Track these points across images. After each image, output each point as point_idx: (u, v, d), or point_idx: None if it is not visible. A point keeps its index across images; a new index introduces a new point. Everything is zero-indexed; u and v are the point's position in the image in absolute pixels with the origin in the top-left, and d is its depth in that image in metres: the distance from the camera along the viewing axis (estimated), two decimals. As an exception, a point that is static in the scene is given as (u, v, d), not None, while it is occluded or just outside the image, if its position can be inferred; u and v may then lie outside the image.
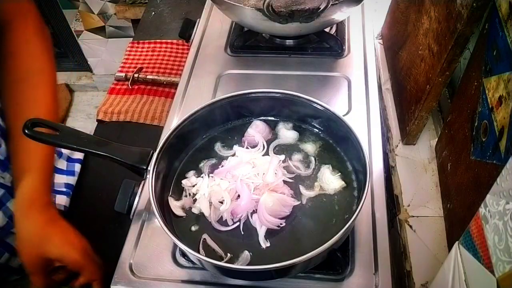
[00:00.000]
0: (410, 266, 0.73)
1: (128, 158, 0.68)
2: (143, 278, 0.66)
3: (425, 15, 0.81)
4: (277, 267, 0.56)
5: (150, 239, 0.70)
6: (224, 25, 1.08)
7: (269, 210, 0.64)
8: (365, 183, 0.61)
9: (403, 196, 0.81)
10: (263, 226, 0.64)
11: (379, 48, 1.09)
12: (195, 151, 0.76)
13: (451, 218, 0.73)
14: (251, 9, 0.85)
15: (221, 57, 1.00)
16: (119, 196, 0.70)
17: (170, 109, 0.90)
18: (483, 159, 0.61)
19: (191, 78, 0.95)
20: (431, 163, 0.85)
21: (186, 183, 0.71)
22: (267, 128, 0.77)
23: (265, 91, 0.74)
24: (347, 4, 0.87)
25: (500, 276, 0.42)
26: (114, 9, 2.10)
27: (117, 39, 2.32)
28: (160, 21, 1.41)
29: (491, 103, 0.60)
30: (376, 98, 0.87)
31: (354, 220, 0.58)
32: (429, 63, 0.78)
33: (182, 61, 1.28)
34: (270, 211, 0.64)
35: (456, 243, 0.53)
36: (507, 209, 0.42)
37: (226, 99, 0.74)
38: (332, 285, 0.64)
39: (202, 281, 0.66)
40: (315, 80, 0.93)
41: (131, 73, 1.22)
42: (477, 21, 0.65)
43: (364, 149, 0.64)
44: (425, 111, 0.80)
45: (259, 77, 0.95)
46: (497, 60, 0.59)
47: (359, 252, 0.67)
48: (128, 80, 1.21)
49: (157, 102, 1.17)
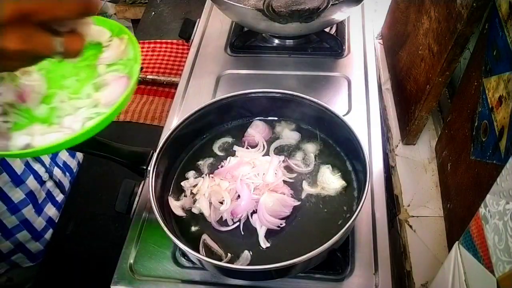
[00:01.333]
0: (410, 266, 0.73)
1: (128, 158, 0.68)
2: (143, 278, 0.66)
3: (425, 15, 0.81)
4: (277, 267, 0.56)
5: (150, 239, 0.70)
6: (224, 25, 1.08)
7: (269, 210, 0.64)
8: (365, 183, 0.61)
9: (403, 196, 0.81)
10: (263, 226, 0.64)
11: (379, 48, 1.09)
12: (195, 151, 0.76)
13: (451, 218, 0.73)
14: (251, 9, 0.85)
15: (221, 57, 1.00)
16: (119, 196, 0.70)
17: (170, 109, 0.90)
18: (483, 159, 0.61)
19: (191, 78, 0.95)
20: (431, 163, 0.85)
21: (185, 184, 0.71)
22: (267, 128, 0.77)
23: (265, 91, 0.74)
24: (347, 4, 0.87)
25: (500, 276, 0.42)
26: (114, 9, 2.10)
27: (117, 39, 2.32)
28: (160, 21, 1.41)
29: (491, 103, 0.60)
30: (376, 98, 0.87)
31: (354, 220, 0.58)
32: (429, 63, 0.78)
33: (182, 61, 1.28)
34: (270, 211, 0.64)
35: (456, 243, 0.53)
36: (507, 209, 0.42)
37: (226, 99, 0.74)
38: (332, 285, 0.64)
39: (202, 281, 0.66)
40: (315, 80, 0.93)
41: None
42: (477, 21, 0.65)
43: (364, 149, 0.64)
44: (425, 111, 0.80)
45: (259, 77, 0.95)
46: (497, 60, 0.59)
47: (359, 252, 0.67)
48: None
49: (157, 102, 1.17)
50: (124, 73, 0.59)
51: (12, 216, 0.83)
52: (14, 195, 0.82)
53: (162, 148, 0.68)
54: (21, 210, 0.84)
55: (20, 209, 0.84)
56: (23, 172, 0.82)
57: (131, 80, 0.57)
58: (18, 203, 0.83)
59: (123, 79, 0.58)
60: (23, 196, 0.83)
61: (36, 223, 0.88)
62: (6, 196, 0.81)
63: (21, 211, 0.84)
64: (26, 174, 0.83)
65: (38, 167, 0.87)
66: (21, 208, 0.84)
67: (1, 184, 0.79)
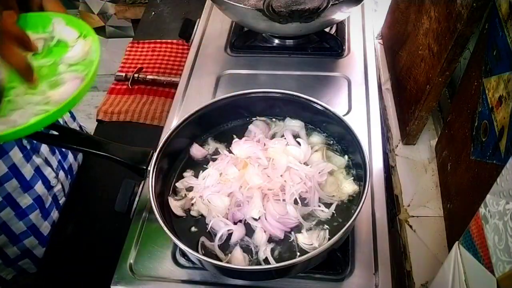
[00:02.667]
0: (410, 266, 0.73)
1: (128, 158, 0.68)
2: (143, 278, 0.66)
3: (425, 15, 0.81)
4: (277, 267, 0.56)
5: (150, 239, 0.70)
6: (224, 25, 1.08)
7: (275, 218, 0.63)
8: (365, 184, 0.61)
9: (403, 196, 0.81)
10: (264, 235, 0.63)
11: (379, 48, 1.09)
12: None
13: (451, 218, 0.73)
14: (251, 9, 0.85)
15: (221, 57, 1.00)
16: (119, 196, 0.70)
17: (170, 109, 0.90)
18: (483, 159, 0.61)
19: (191, 78, 0.95)
20: (431, 163, 0.85)
21: (179, 185, 0.71)
22: (267, 128, 0.77)
23: (265, 91, 0.74)
24: (347, 4, 0.87)
25: (500, 276, 0.42)
26: (114, 9, 2.10)
27: (117, 39, 2.32)
28: (160, 21, 1.41)
29: (491, 103, 0.60)
30: (376, 98, 0.87)
31: (354, 220, 0.58)
32: (429, 63, 0.78)
33: (182, 61, 1.28)
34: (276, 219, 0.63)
35: (456, 243, 0.53)
36: (507, 209, 0.42)
37: (226, 99, 0.74)
38: (332, 285, 0.64)
39: (202, 281, 0.66)
40: (315, 80, 0.93)
41: (131, 73, 1.22)
42: (477, 21, 0.65)
43: (364, 149, 0.64)
44: (425, 111, 0.80)
45: (259, 77, 0.95)
46: (497, 60, 0.59)
47: (359, 252, 0.67)
48: (128, 80, 1.21)
49: (157, 102, 1.17)
50: (82, 74, 0.61)
51: (19, 222, 0.82)
52: (22, 200, 0.81)
53: (162, 148, 0.68)
54: (29, 215, 0.83)
55: (27, 214, 0.83)
56: (32, 177, 0.82)
57: (84, 82, 0.58)
58: (26, 209, 0.82)
59: (78, 80, 0.60)
60: (31, 202, 0.82)
61: (42, 228, 0.87)
62: (14, 202, 0.80)
63: (29, 216, 0.83)
64: (35, 180, 0.82)
65: (48, 172, 0.86)
66: (28, 214, 0.83)
67: (10, 189, 0.78)
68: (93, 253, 0.85)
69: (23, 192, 0.81)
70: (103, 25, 2.28)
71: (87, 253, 0.86)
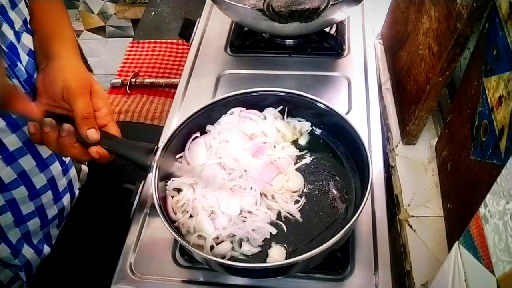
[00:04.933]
0: (410, 266, 0.73)
1: (132, 153, 0.67)
2: (143, 278, 0.66)
3: (425, 15, 0.81)
4: (278, 266, 0.56)
5: (150, 239, 0.70)
6: (224, 25, 1.08)
7: None
8: (367, 184, 0.61)
9: (403, 196, 0.81)
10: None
11: (379, 48, 1.09)
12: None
13: (451, 218, 0.73)
14: (251, 9, 0.85)
15: (221, 57, 1.00)
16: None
17: (170, 109, 0.90)
18: (483, 159, 0.61)
19: (191, 78, 0.95)
20: (431, 163, 0.85)
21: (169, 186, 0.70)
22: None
23: (266, 90, 0.74)
24: (347, 4, 0.87)
25: (500, 276, 0.42)
26: (114, 9, 2.10)
27: (117, 39, 2.32)
28: (160, 21, 1.41)
29: (491, 103, 0.60)
30: (376, 98, 0.87)
31: (355, 220, 0.58)
32: (429, 63, 0.78)
33: (182, 61, 1.28)
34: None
35: (456, 243, 0.53)
36: (507, 209, 0.42)
37: (227, 98, 0.74)
38: (332, 285, 0.64)
39: (202, 281, 0.66)
40: (315, 80, 0.93)
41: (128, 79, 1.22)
42: (477, 21, 0.65)
43: (366, 149, 0.64)
44: (425, 111, 0.80)
45: (259, 77, 0.95)
46: (497, 60, 0.59)
47: (359, 252, 0.67)
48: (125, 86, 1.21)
49: (157, 102, 1.17)
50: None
51: (30, 202, 0.77)
52: (36, 180, 0.76)
53: (167, 143, 0.67)
54: (41, 196, 0.78)
55: (40, 194, 0.78)
56: (49, 156, 0.77)
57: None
58: (40, 189, 0.78)
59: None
60: (45, 182, 0.78)
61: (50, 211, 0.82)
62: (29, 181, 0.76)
63: (40, 197, 0.78)
64: (52, 159, 0.78)
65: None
66: (40, 194, 0.78)
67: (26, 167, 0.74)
68: (93, 253, 0.85)
69: (39, 172, 0.77)
70: (103, 25, 2.28)
71: (87, 253, 0.86)
